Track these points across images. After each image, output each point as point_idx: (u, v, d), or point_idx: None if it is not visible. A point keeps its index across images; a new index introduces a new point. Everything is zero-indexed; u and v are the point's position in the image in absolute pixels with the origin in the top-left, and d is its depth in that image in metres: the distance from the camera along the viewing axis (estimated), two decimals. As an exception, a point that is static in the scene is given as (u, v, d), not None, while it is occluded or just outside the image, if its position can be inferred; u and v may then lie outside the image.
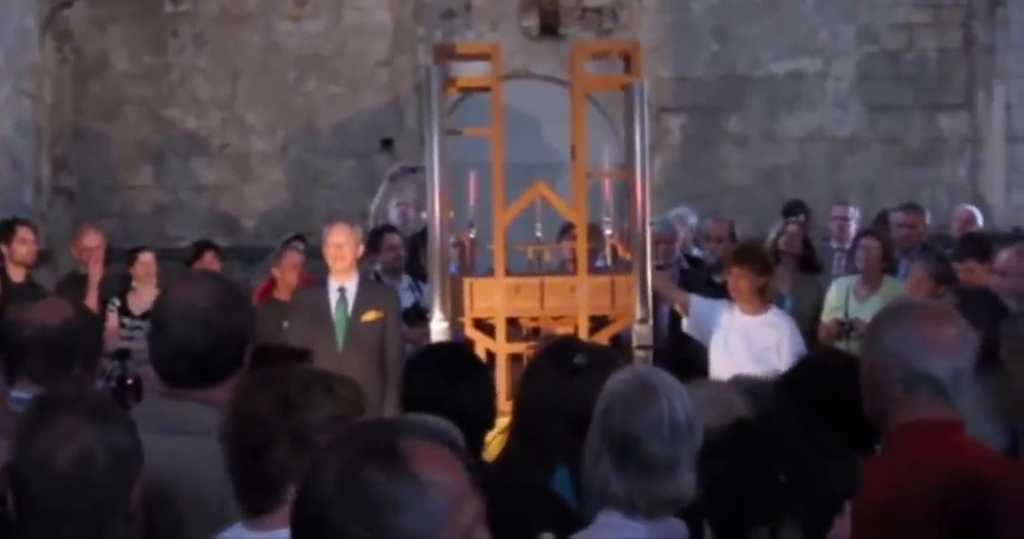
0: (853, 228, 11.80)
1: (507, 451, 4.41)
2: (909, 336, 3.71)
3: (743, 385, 4.55)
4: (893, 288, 9.43)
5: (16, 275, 10.13)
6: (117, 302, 10.44)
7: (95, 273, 10.46)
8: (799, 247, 10.37)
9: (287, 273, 10.35)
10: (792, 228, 10.58)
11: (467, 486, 2.29)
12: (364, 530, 2.18)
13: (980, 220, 12.24)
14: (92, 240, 10.73)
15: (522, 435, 4.38)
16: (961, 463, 3.59)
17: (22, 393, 4.14)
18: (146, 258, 10.70)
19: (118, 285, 10.67)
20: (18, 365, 4.31)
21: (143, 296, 10.32)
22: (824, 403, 3.82)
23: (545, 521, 3.79)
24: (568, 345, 4.57)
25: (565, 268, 8.74)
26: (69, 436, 2.96)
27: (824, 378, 4.10)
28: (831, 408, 3.74)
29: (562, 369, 4.34)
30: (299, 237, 12.01)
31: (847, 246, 11.47)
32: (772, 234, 10.66)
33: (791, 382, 4.31)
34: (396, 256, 10.72)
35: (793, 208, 12.95)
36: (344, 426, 3.13)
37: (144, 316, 10.13)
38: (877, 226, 11.88)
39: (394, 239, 10.84)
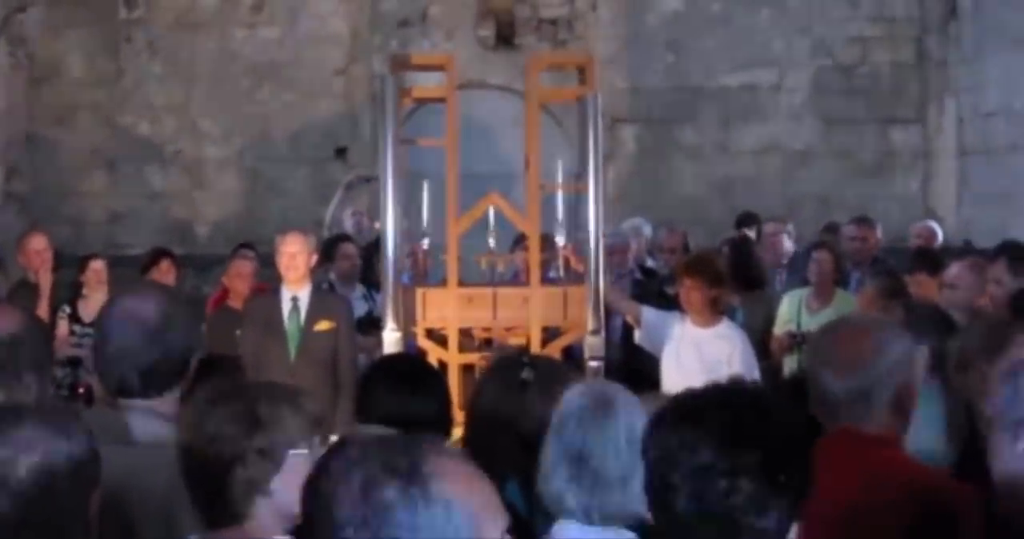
0: (787, 245, 11.84)
1: None
2: (816, 354, 3.77)
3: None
4: (844, 301, 9.46)
5: (-36, 282, 10.06)
6: (67, 309, 10.36)
7: (45, 280, 10.38)
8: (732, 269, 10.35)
9: (235, 282, 10.30)
10: (724, 251, 10.54)
11: (491, 504, 2.29)
12: None
13: (940, 237, 12.30)
14: (38, 243, 10.64)
15: (473, 448, 4.38)
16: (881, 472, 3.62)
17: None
18: (97, 266, 10.62)
19: (69, 292, 10.60)
20: None
21: (94, 303, 10.23)
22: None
23: None
24: (516, 360, 4.57)
25: (518, 279, 8.74)
26: (28, 446, 2.95)
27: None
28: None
29: (510, 384, 4.35)
30: (247, 245, 11.95)
31: (784, 261, 11.55)
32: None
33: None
34: (351, 265, 10.71)
35: (745, 220, 12.99)
36: (309, 441, 3.16)
37: (94, 324, 10.06)
38: (825, 236, 11.93)
39: (349, 248, 10.83)
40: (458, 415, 5.27)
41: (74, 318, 10.34)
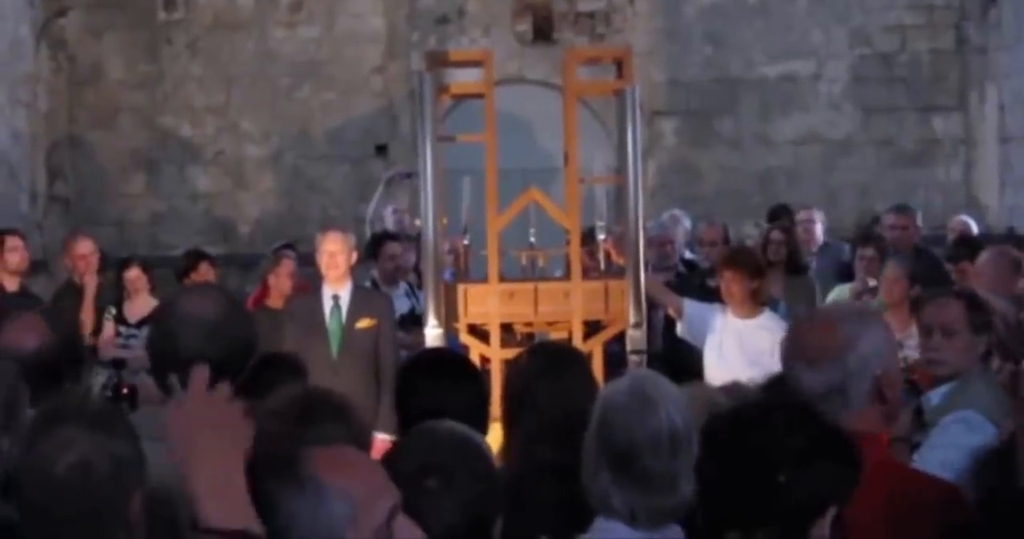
0: (819, 231, 12.01)
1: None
2: (788, 347, 3.64)
3: (732, 394, 4.55)
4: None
5: (10, 284, 10.09)
6: (113, 310, 10.45)
7: (90, 283, 10.46)
8: (784, 253, 10.42)
9: (282, 280, 10.32)
10: (775, 235, 10.60)
11: (374, 487, 2.38)
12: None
13: (976, 230, 12.24)
14: (84, 248, 10.72)
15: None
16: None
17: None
18: (131, 274, 10.61)
19: (114, 293, 10.66)
20: None
21: (138, 304, 10.34)
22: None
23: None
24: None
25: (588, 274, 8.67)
26: (68, 444, 2.99)
27: None
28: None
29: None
30: (289, 245, 11.97)
31: (814, 249, 11.63)
32: (758, 239, 10.71)
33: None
34: (394, 266, 10.66)
35: (778, 212, 12.99)
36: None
37: (139, 324, 10.15)
38: (870, 230, 11.93)
39: (394, 248, 10.72)
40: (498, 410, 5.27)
41: (119, 319, 10.41)
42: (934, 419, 4.85)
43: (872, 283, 9.22)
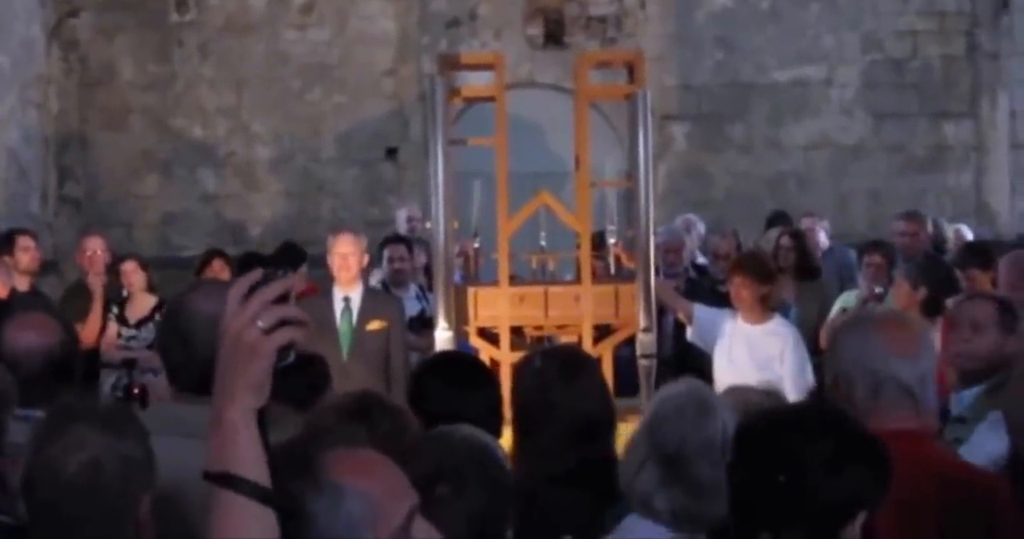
0: (822, 238, 12.05)
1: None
2: (871, 344, 3.72)
3: (737, 396, 4.57)
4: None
5: (21, 284, 10.08)
6: (115, 310, 10.42)
7: (96, 283, 10.45)
8: (794, 259, 10.41)
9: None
10: (785, 240, 10.59)
11: (392, 488, 2.36)
12: None
13: (970, 236, 12.27)
14: (91, 245, 10.73)
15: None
16: (950, 470, 3.63)
17: (33, 411, 4.16)
18: (128, 266, 10.60)
19: (116, 294, 10.65)
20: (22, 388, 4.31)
21: (138, 304, 10.34)
22: None
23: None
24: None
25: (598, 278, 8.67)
26: (79, 445, 3.01)
27: None
28: None
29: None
30: (296, 247, 11.90)
31: (818, 255, 11.63)
32: (767, 246, 10.70)
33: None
34: (396, 269, 10.61)
35: (776, 219, 12.98)
36: None
37: (138, 325, 10.19)
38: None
39: (395, 250, 10.71)
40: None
41: (120, 320, 10.38)
42: (977, 415, 4.92)
43: (878, 290, 9.22)
